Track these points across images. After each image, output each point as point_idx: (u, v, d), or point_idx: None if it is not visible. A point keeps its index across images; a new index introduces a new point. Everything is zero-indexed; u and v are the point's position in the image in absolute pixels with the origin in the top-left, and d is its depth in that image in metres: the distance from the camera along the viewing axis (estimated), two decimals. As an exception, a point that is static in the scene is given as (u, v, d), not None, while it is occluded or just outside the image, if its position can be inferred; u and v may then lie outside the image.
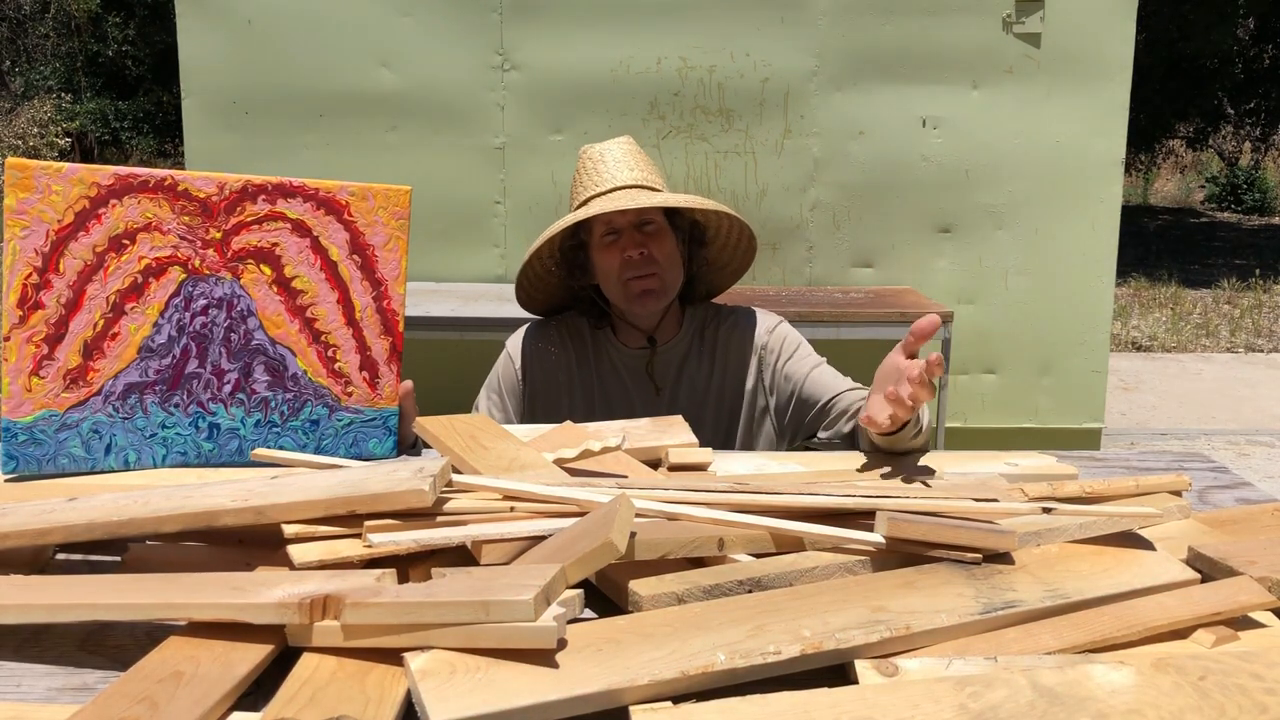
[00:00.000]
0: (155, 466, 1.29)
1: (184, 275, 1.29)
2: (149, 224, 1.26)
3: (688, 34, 3.75)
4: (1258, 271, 8.94)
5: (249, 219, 1.31)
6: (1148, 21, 10.39)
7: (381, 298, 1.37)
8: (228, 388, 1.31)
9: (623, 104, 3.78)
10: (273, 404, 1.33)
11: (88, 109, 14.56)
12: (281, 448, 1.34)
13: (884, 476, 1.25)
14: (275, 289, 1.32)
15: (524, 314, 1.88)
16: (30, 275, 1.22)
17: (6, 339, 1.22)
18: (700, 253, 1.77)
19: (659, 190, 1.69)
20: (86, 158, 14.49)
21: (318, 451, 1.35)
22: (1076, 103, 3.78)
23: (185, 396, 1.30)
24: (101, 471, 1.27)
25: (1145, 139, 13.16)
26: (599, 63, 3.76)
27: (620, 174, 1.68)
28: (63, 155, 13.80)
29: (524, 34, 3.75)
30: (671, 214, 1.71)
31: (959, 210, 3.88)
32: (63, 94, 14.58)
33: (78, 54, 15.36)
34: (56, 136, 13.66)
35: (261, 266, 1.32)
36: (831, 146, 3.84)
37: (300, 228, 1.33)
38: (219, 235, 1.29)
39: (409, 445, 1.44)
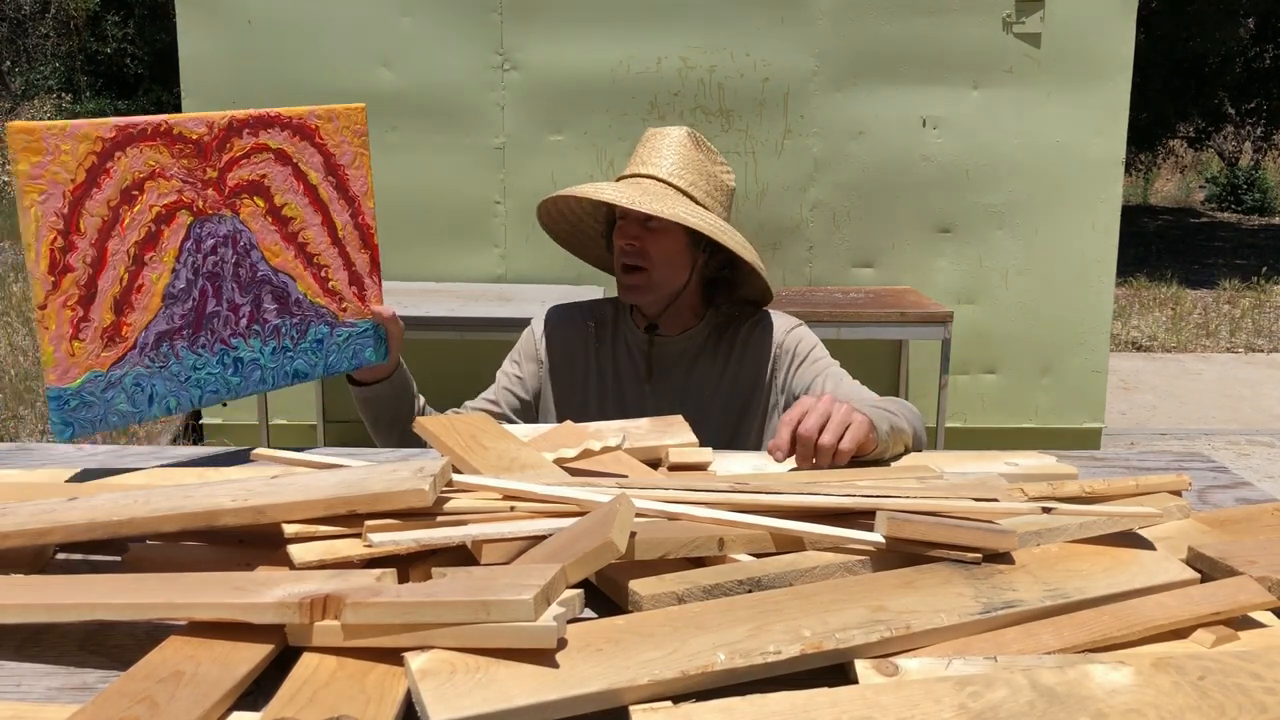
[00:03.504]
0: (193, 407, 1.35)
1: (191, 218, 1.32)
2: (153, 172, 1.29)
3: (688, 34, 3.75)
4: (1263, 270, 8.94)
5: (238, 154, 1.35)
6: (1150, 20, 10.39)
7: (356, 214, 1.46)
8: (244, 320, 1.37)
9: (623, 104, 3.78)
10: (283, 330, 1.41)
11: (88, 109, 14.55)
12: (297, 370, 1.43)
13: (884, 476, 1.25)
14: (270, 219, 1.38)
15: (521, 315, 1.89)
16: (55, 240, 1.23)
17: (43, 307, 1.22)
18: (732, 274, 1.74)
19: (688, 194, 1.66)
20: (86, 158, 14.46)
21: (326, 368, 1.46)
22: (1076, 103, 3.78)
23: (209, 336, 1.35)
24: (149, 420, 1.31)
25: (1147, 139, 13.16)
26: (599, 63, 3.76)
27: (656, 163, 1.66)
28: (63, 155, 13.78)
29: (524, 34, 3.75)
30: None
31: (959, 210, 3.88)
32: (63, 94, 14.58)
33: (77, 54, 15.37)
34: (56, 136, 13.64)
35: (255, 199, 1.37)
36: (831, 146, 3.84)
37: (282, 156, 1.39)
38: (215, 174, 1.33)
39: (397, 365, 1.60)
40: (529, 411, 1.78)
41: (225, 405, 4.02)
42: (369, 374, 1.61)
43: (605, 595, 0.92)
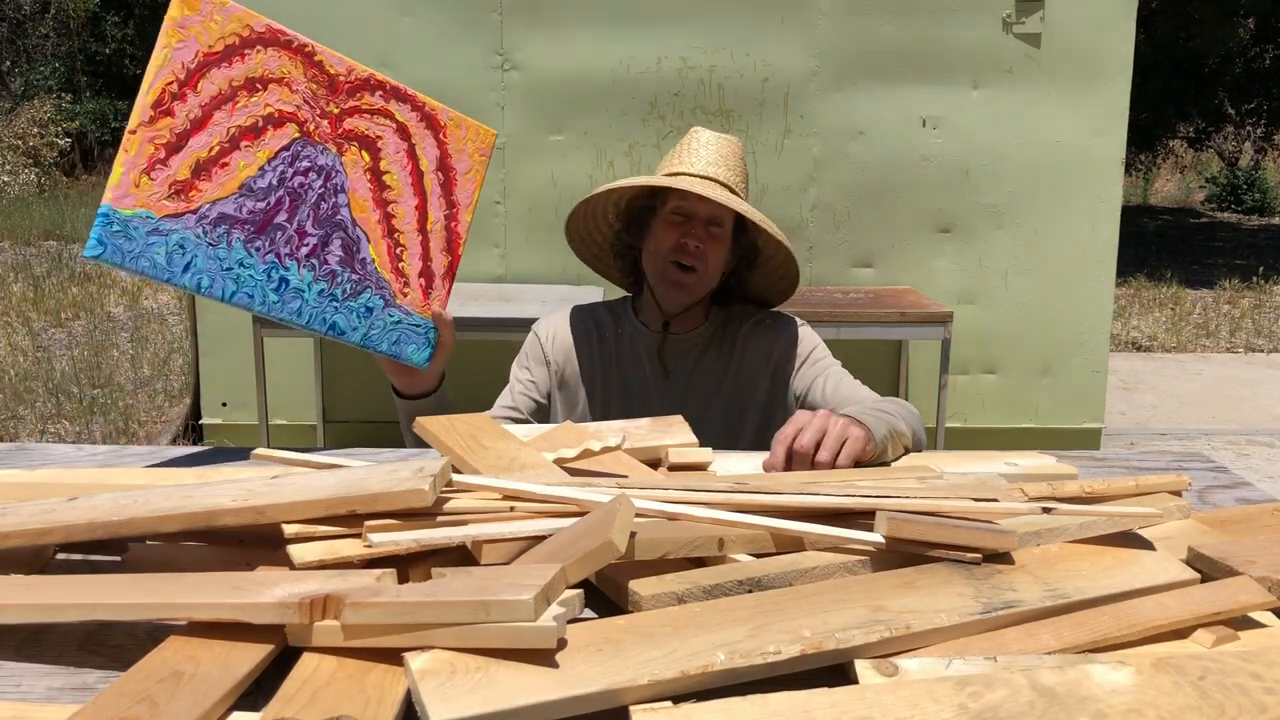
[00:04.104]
0: (223, 300, 1.35)
1: (298, 134, 1.37)
2: (283, 79, 1.35)
3: (688, 34, 3.75)
4: (1261, 270, 8.94)
5: (364, 106, 1.41)
6: (1150, 20, 10.39)
7: (452, 218, 1.49)
8: (305, 250, 1.39)
9: (623, 104, 3.78)
10: (339, 279, 1.42)
11: (87, 109, 14.56)
12: (335, 324, 1.42)
13: (884, 476, 1.25)
14: (368, 176, 1.42)
15: (521, 315, 1.89)
16: (172, 83, 1.28)
17: (132, 133, 1.27)
18: (745, 274, 1.79)
19: (740, 199, 1.71)
20: (86, 158, 14.49)
21: (365, 338, 1.45)
22: (1076, 103, 3.78)
23: (267, 244, 1.36)
24: (176, 286, 1.33)
25: (1147, 139, 13.15)
26: (599, 63, 3.76)
27: (717, 168, 1.69)
28: (62, 155, 13.80)
29: (524, 34, 3.75)
30: (736, 229, 1.71)
31: (959, 210, 3.88)
32: (62, 94, 14.57)
33: (77, 54, 15.36)
34: (56, 136, 13.66)
35: (363, 152, 1.41)
36: (831, 146, 3.84)
37: (403, 131, 1.43)
38: (336, 111, 1.39)
39: (440, 381, 1.59)
40: (543, 415, 1.79)
41: (225, 405, 4.02)
42: (411, 385, 1.60)
43: (605, 595, 0.92)
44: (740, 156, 1.73)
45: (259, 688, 0.76)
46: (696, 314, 1.78)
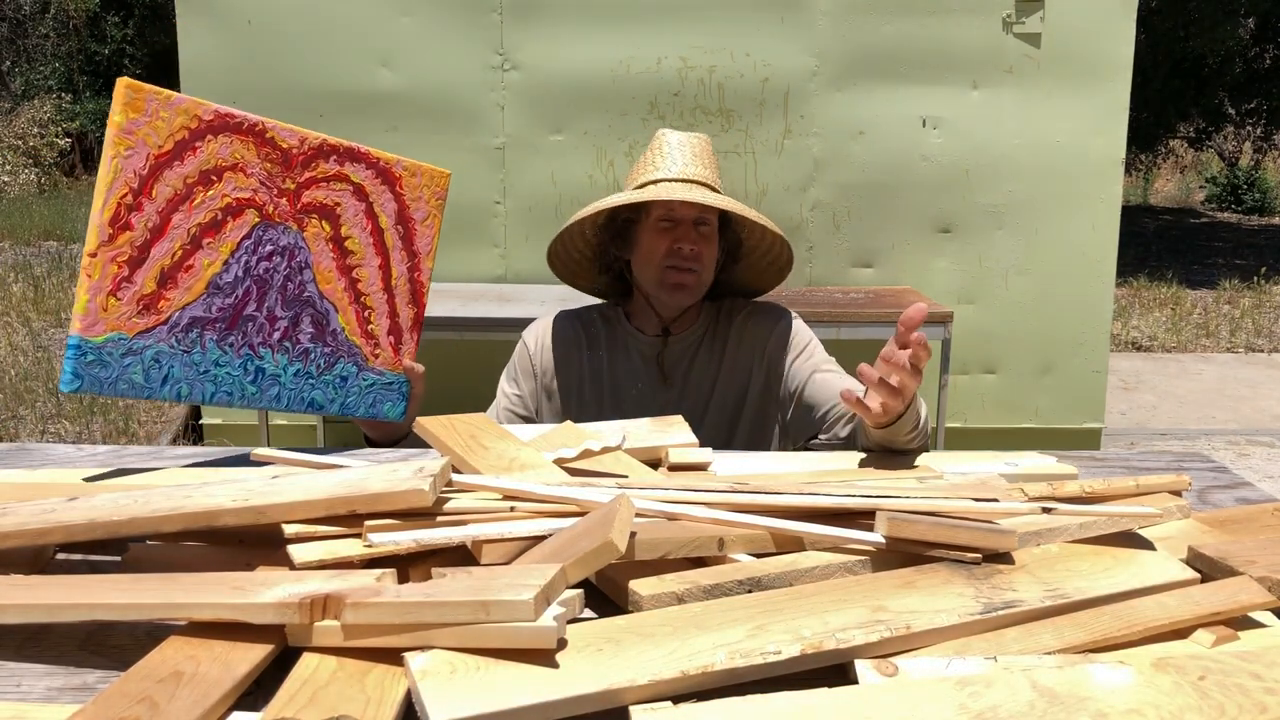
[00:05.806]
0: (203, 403, 1.32)
1: (258, 219, 1.33)
2: (236, 164, 1.30)
3: (688, 34, 3.75)
4: (1261, 270, 8.94)
5: (320, 176, 1.37)
6: (1150, 20, 10.39)
7: (414, 269, 1.47)
8: (277, 334, 1.36)
9: (623, 104, 3.78)
10: (312, 356, 1.39)
11: (87, 109, 14.56)
12: (313, 400, 1.40)
13: (884, 476, 1.25)
14: (331, 246, 1.39)
15: (522, 315, 1.89)
16: (126, 195, 1.23)
17: (93, 255, 1.22)
18: (730, 266, 1.79)
19: (723, 195, 1.71)
20: (87, 158, 14.48)
21: (342, 407, 1.43)
22: (1076, 103, 3.78)
23: (240, 338, 1.33)
24: (157, 400, 1.30)
25: (1147, 139, 13.15)
26: (599, 63, 3.76)
27: (693, 167, 1.69)
28: (62, 155, 13.80)
29: (524, 34, 3.74)
30: (721, 224, 1.72)
31: (959, 210, 3.88)
32: (62, 94, 14.58)
33: (76, 54, 15.36)
34: (56, 136, 13.66)
35: (323, 222, 1.38)
36: (831, 146, 3.84)
37: (360, 192, 1.41)
38: (292, 186, 1.35)
39: (410, 430, 1.53)
40: None
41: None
42: (384, 435, 1.60)
43: (605, 595, 0.92)
44: (711, 152, 1.74)
45: (259, 688, 0.76)
46: (691, 313, 1.79)
